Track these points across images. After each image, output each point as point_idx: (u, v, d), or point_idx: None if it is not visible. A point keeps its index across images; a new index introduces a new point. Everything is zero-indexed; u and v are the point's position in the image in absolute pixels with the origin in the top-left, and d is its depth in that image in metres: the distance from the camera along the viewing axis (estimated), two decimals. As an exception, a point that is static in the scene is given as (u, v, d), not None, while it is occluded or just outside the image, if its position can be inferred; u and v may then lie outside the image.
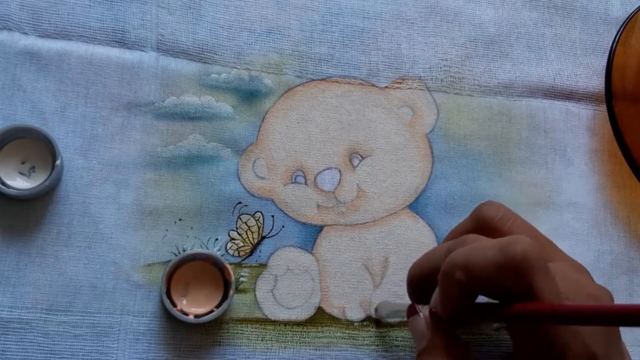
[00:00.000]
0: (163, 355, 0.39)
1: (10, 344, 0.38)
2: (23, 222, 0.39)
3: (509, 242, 0.30)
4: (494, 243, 0.31)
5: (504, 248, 0.30)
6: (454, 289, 0.32)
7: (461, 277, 0.31)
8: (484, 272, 0.30)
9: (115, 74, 0.42)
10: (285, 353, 0.41)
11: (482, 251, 0.31)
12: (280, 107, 0.44)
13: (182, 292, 0.40)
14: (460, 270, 0.31)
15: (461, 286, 0.31)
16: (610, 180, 0.48)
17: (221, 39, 0.44)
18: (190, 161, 0.42)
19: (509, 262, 0.30)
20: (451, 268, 0.32)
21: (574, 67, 0.49)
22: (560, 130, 0.48)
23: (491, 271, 0.30)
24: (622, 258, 0.47)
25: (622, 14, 0.51)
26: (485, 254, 0.31)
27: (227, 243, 0.42)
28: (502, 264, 0.30)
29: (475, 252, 0.31)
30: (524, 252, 0.30)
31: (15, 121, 0.40)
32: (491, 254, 0.30)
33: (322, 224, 0.43)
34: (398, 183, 0.45)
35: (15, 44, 0.41)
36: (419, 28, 0.48)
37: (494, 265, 0.30)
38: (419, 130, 0.46)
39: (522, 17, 0.49)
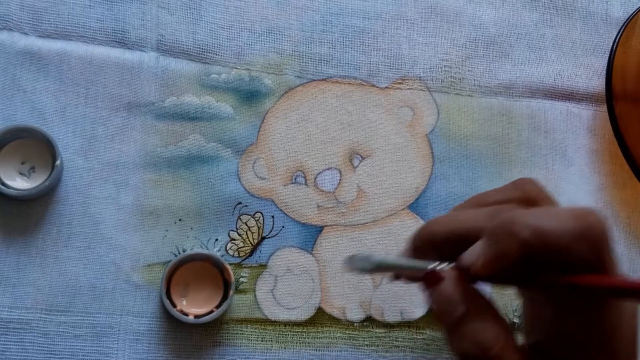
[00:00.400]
0: (163, 355, 0.39)
1: (10, 344, 0.38)
2: (23, 222, 0.39)
3: (588, 212, 0.29)
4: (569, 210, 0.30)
5: (584, 217, 0.29)
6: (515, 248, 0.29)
7: (528, 237, 0.29)
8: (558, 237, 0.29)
9: (115, 74, 0.42)
10: (285, 353, 0.41)
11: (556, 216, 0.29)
12: (280, 107, 0.44)
13: (182, 293, 0.40)
14: (529, 230, 0.29)
15: (525, 247, 0.29)
16: (611, 181, 0.48)
17: (221, 39, 0.44)
18: (190, 161, 0.42)
19: (588, 231, 0.29)
20: (518, 226, 0.29)
21: (574, 68, 0.49)
22: (560, 130, 0.48)
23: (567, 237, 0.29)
24: (623, 258, 0.46)
25: (623, 14, 0.51)
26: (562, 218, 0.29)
27: (227, 243, 0.42)
28: (580, 232, 0.28)
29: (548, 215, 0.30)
30: (603, 225, 0.29)
31: (15, 121, 0.40)
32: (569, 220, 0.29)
33: (322, 225, 0.43)
34: (398, 183, 0.45)
35: (15, 44, 0.41)
36: (419, 28, 0.48)
37: (572, 232, 0.29)
38: (419, 131, 0.46)
39: (523, 18, 0.49)
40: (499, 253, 0.29)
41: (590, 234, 0.29)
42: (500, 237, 0.30)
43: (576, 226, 0.29)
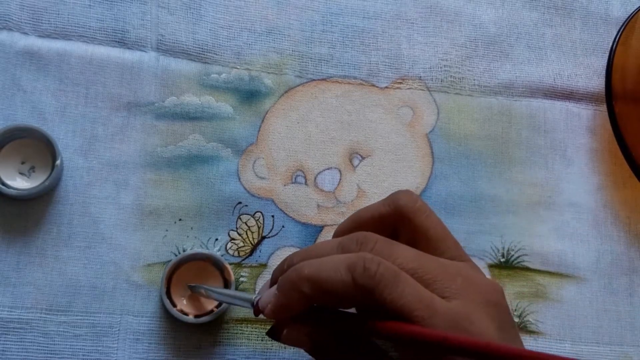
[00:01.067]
0: (163, 355, 0.39)
1: (10, 344, 0.38)
2: (23, 222, 0.39)
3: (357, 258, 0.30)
4: (343, 259, 0.30)
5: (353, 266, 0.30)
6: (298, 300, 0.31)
7: (308, 290, 0.31)
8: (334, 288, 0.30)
9: (115, 74, 0.42)
10: (285, 353, 0.41)
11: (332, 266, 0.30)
12: (280, 107, 0.44)
13: (182, 292, 0.40)
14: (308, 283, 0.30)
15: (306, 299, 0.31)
16: (611, 180, 0.48)
17: (221, 39, 0.44)
18: (190, 161, 0.42)
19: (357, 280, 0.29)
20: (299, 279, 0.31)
21: (574, 67, 0.49)
22: (560, 130, 0.48)
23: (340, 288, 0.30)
24: (623, 258, 0.46)
25: (622, 14, 0.51)
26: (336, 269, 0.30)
27: (227, 243, 0.42)
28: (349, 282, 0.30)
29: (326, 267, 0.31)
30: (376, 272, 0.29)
31: (15, 121, 0.40)
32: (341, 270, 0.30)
33: (322, 224, 0.43)
34: (398, 183, 0.45)
35: (15, 44, 0.41)
36: (419, 28, 0.48)
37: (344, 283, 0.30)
38: (419, 130, 0.46)
39: (522, 17, 0.49)
40: (284, 304, 0.32)
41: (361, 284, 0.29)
42: (285, 290, 0.32)
43: (347, 276, 0.30)
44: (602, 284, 0.46)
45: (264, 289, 0.35)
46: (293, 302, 0.31)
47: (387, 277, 0.29)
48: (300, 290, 0.31)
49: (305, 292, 0.31)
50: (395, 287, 0.29)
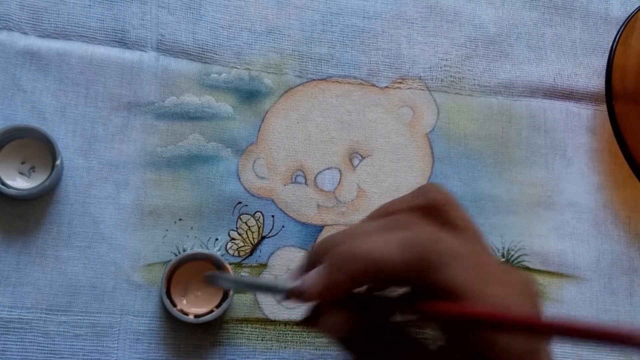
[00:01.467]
0: (163, 355, 0.39)
1: (10, 344, 0.38)
2: (23, 222, 0.39)
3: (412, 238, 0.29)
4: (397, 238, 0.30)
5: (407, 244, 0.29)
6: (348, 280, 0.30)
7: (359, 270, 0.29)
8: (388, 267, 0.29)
9: (115, 74, 0.42)
10: (285, 353, 0.41)
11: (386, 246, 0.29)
12: (280, 107, 0.44)
13: (182, 292, 0.40)
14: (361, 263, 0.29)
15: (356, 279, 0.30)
16: (611, 180, 0.48)
17: (221, 39, 0.44)
18: (190, 161, 0.42)
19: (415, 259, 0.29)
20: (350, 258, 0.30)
21: (574, 67, 0.49)
22: (560, 130, 0.48)
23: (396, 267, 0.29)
24: (623, 258, 0.46)
25: (622, 13, 0.51)
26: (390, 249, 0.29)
27: (227, 243, 0.42)
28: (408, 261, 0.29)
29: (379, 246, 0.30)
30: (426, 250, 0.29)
31: (15, 121, 0.40)
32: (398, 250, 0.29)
33: (322, 224, 0.43)
34: (398, 183, 0.45)
35: (15, 44, 0.41)
36: (419, 28, 0.48)
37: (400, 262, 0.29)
38: (419, 130, 0.46)
39: (522, 17, 0.49)
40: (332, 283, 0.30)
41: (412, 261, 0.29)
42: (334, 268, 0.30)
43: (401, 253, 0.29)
44: (602, 284, 0.46)
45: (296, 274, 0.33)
46: (342, 281, 0.30)
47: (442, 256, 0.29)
48: (351, 269, 0.29)
49: (356, 270, 0.29)
50: (450, 268, 0.29)
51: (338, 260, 0.30)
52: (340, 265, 0.30)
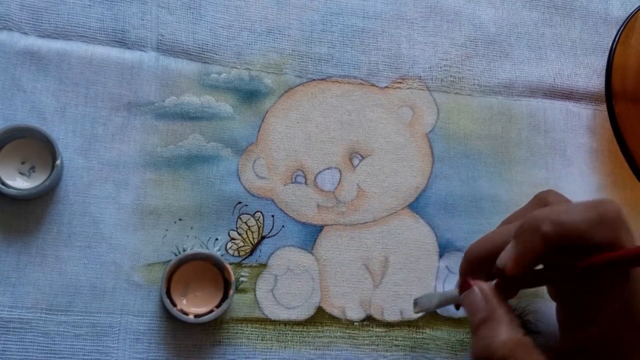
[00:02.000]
0: (163, 355, 0.39)
1: (10, 344, 0.38)
2: (23, 222, 0.39)
3: (600, 201, 0.33)
4: (583, 202, 0.33)
5: (597, 205, 0.33)
6: (537, 242, 0.33)
7: (549, 230, 0.32)
8: (576, 226, 0.32)
9: (115, 74, 0.42)
10: (285, 353, 0.41)
11: (573, 208, 0.33)
12: (280, 107, 0.44)
13: (182, 292, 0.40)
14: (549, 223, 0.32)
15: (546, 239, 0.32)
16: (610, 180, 0.48)
17: (221, 39, 0.44)
18: (190, 161, 0.42)
19: (603, 218, 0.32)
20: (537, 221, 0.33)
21: (574, 67, 0.49)
22: (560, 130, 0.48)
23: (583, 225, 0.32)
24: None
25: (622, 13, 0.51)
26: (576, 210, 0.33)
27: (227, 243, 0.42)
28: (596, 219, 0.32)
29: (565, 209, 0.33)
30: (615, 210, 0.33)
31: (15, 121, 0.40)
32: (583, 210, 0.32)
33: (322, 224, 0.43)
34: (398, 183, 0.45)
35: (15, 44, 0.41)
36: (419, 28, 0.48)
37: (587, 220, 0.32)
38: (419, 130, 0.46)
39: (522, 17, 0.49)
40: (525, 249, 0.33)
41: (604, 219, 0.32)
42: (524, 235, 0.33)
43: (592, 215, 0.32)
44: (602, 283, 0.46)
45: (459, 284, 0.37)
46: (535, 245, 0.33)
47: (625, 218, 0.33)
48: (541, 231, 0.32)
49: (546, 231, 0.32)
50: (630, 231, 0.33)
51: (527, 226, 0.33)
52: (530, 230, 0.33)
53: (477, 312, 0.34)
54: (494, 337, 0.33)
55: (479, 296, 0.35)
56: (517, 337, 0.33)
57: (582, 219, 0.32)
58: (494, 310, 0.34)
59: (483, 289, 0.35)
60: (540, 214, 0.33)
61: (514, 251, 0.34)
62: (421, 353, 0.42)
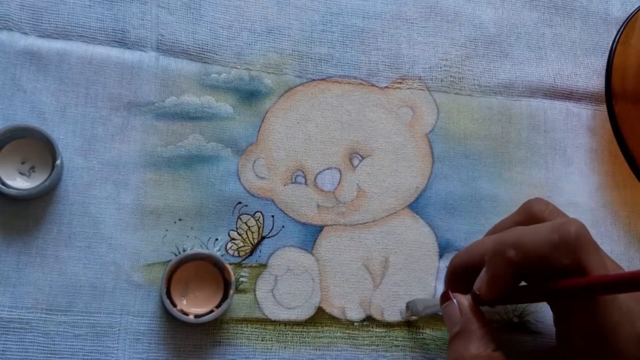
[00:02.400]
0: (163, 355, 0.39)
1: (10, 344, 0.38)
2: (23, 222, 0.39)
3: (562, 223, 0.33)
4: (546, 224, 0.33)
5: (558, 227, 0.32)
6: (504, 268, 0.33)
7: (513, 256, 0.33)
8: (538, 250, 0.32)
9: (115, 74, 0.42)
10: (285, 353, 0.41)
11: (535, 231, 0.33)
12: (280, 107, 0.44)
13: (182, 292, 0.40)
14: (512, 248, 0.33)
15: (512, 265, 0.33)
16: (610, 180, 0.48)
17: (221, 39, 0.44)
18: (190, 161, 0.42)
19: (563, 240, 0.32)
20: (503, 246, 0.33)
21: (574, 67, 0.49)
22: (560, 130, 0.48)
23: (545, 249, 0.32)
24: (622, 258, 0.46)
25: (622, 13, 0.51)
26: (539, 233, 0.33)
27: (227, 243, 0.42)
28: (556, 242, 0.32)
29: (528, 232, 0.33)
30: (577, 231, 0.32)
31: (15, 121, 0.40)
32: (545, 233, 0.32)
33: (322, 224, 0.43)
34: (398, 183, 0.45)
35: (15, 44, 0.41)
36: (419, 28, 0.48)
37: (548, 244, 0.32)
38: (419, 130, 0.46)
39: (522, 17, 0.49)
40: (495, 275, 0.34)
41: (564, 242, 0.32)
42: (493, 260, 0.34)
43: (552, 238, 0.32)
44: (602, 283, 0.46)
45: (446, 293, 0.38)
46: (501, 271, 0.33)
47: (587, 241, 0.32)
48: (506, 257, 0.33)
49: (510, 257, 0.33)
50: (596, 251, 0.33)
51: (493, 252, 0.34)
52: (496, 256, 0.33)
53: (453, 325, 0.36)
54: (464, 352, 0.34)
55: (456, 309, 0.36)
56: (486, 352, 0.34)
57: (543, 242, 0.32)
58: (467, 325, 0.35)
59: (461, 302, 0.36)
60: (505, 239, 0.34)
61: (485, 277, 0.35)
62: (421, 353, 0.42)
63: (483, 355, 0.34)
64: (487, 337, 0.35)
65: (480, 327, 0.35)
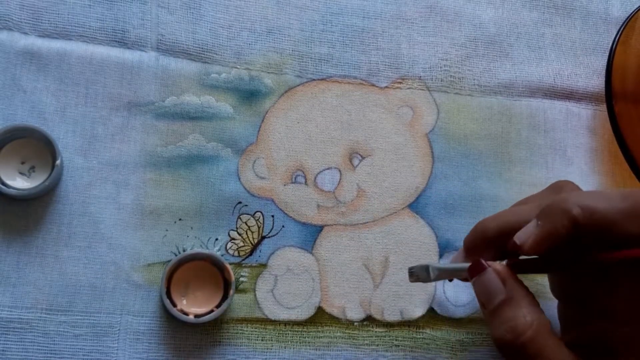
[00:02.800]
0: (163, 355, 0.39)
1: (10, 344, 0.38)
2: (23, 222, 0.39)
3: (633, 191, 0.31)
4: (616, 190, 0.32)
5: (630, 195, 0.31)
6: (567, 225, 0.31)
7: (579, 215, 0.31)
8: (607, 214, 0.31)
9: (115, 74, 0.42)
10: (285, 353, 0.41)
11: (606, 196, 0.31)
12: (280, 107, 0.44)
13: (182, 292, 0.40)
14: (580, 208, 0.31)
15: (576, 224, 0.31)
16: (610, 180, 0.48)
17: (221, 39, 0.44)
18: (190, 161, 0.42)
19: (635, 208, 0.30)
20: (568, 203, 0.31)
21: (574, 67, 0.49)
22: (560, 130, 0.48)
23: (615, 215, 0.31)
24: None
25: (622, 13, 0.51)
26: (609, 198, 0.31)
27: (227, 243, 0.42)
28: (628, 209, 0.30)
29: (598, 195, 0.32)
30: None
31: (15, 121, 0.40)
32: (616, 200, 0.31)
33: (322, 224, 0.43)
34: (398, 183, 0.45)
35: (15, 44, 0.41)
36: (419, 28, 0.48)
37: (620, 210, 0.31)
38: (419, 130, 0.46)
39: (522, 17, 0.49)
40: (551, 230, 0.32)
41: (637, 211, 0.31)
42: (552, 215, 0.32)
43: (625, 204, 0.31)
44: (602, 283, 0.46)
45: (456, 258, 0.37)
46: (562, 228, 0.31)
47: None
48: (570, 215, 0.31)
49: (576, 215, 0.31)
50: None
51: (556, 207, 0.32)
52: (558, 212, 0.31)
53: (495, 294, 0.33)
54: (518, 319, 0.32)
55: (496, 278, 0.33)
56: (541, 317, 0.32)
57: (614, 208, 0.31)
58: (515, 292, 0.33)
59: (499, 270, 0.33)
60: (571, 197, 0.32)
61: (537, 230, 0.32)
62: (421, 353, 0.42)
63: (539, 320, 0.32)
64: (535, 301, 0.33)
65: (527, 293, 0.33)
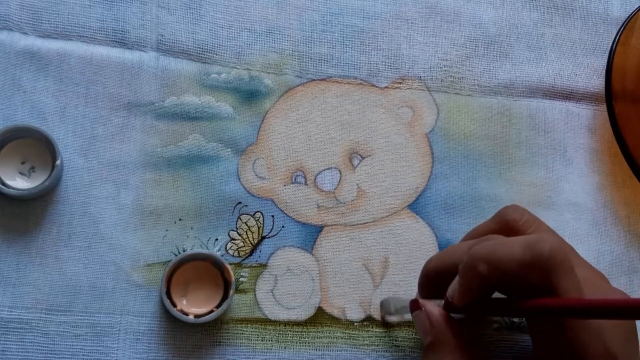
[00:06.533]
0: (163, 355, 0.39)
1: (10, 344, 0.38)
2: (23, 222, 0.39)
3: (537, 240, 0.31)
4: (521, 240, 0.32)
5: (532, 245, 0.31)
6: (476, 281, 0.32)
7: (484, 270, 0.32)
8: (509, 267, 0.31)
9: (115, 74, 0.42)
10: (285, 353, 0.41)
11: (508, 247, 0.32)
12: (280, 107, 0.44)
13: (182, 292, 0.40)
14: (484, 263, 0.32)
15: (483, 279, 0.32)
16: (610, 180, 0.48)
17: (221, 39, 0.44)
18: (190, 161, 0.42)
19: (535, 259, 0.30)
20: (475, 260, 0.32)
21: (574, 67, 0.49)
22: (560, 130, 0.48)
23: (516, 267, 0.31)
24: (622, 258, 0.47)
25: (622, 13, 0.51)
26: (512, 249, 0.31)
27: (227, 243, 0.42)
28: (527, 260, 0.31)
29: (501, 247, 0.32)
30: (551, 250, 0.31)
31: (15, 121, 0.40)
32: (518, 250, 0.31)
33: (322, 224, 0.43)
34: (398, 183, 0.45)
35: (15, 44, 0.41)
36: (419, 28, 0.48)
37: (520, 262, 0.31)
38: (419, 130, 0.46)
39: (522, 17, 0.49)
40: (467, 286, 0.33)
41: (538, 261, 0.31)
42: (465, 271, 0.33)
43: (525, 254, 0.31)
44: (602, 283, 0.46)
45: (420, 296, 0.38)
46: (473, 284, 0.32)
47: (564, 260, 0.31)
48: (476, 272, 0.32)
49: (481, 272, 0.32)
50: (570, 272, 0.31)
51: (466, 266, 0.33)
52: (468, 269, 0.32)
53: (424, 334, 0.35)
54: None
55: (425, 320, 0.35)
56: None
57: (515, 260, 0.31)
58: (439, 336, 0.34)
59: (431, 312, 0.35)
60: (477, 253, 0.32)
61: (458, 286, 0.33)
62: (421, 353, 0.42)
63: None
64: (460, 349, 0.33)
65: (453, 338, 0.34)
